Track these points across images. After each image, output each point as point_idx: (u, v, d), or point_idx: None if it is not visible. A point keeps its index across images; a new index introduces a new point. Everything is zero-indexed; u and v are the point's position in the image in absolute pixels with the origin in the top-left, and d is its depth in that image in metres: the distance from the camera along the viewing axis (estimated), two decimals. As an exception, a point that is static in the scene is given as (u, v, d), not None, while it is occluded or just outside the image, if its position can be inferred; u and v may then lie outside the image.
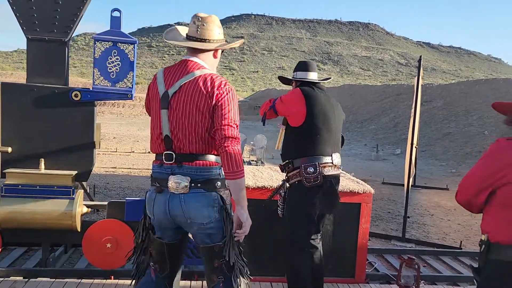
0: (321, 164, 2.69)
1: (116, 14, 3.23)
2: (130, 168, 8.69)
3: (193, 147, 1.87)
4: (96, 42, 3.20)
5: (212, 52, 2.04)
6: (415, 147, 4.88)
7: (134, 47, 3.26)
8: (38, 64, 3.20)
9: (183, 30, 2.09)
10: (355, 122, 19.28)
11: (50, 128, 3.17)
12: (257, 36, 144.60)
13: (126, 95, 3.30)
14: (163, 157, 1.89)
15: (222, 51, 2.15)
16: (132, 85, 3.30)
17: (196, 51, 1.99)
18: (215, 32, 2.01)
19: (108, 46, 3.20)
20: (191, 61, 1.97)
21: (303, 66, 2.90)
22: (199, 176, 1.86)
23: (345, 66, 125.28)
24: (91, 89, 3.23)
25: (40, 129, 3.17)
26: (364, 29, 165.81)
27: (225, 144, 1.82)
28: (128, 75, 3.27)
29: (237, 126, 1.90)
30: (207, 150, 1.89)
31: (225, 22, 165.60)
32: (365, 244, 3.57)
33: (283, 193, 2.85)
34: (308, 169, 2.67)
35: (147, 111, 2.22)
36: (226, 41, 2.10)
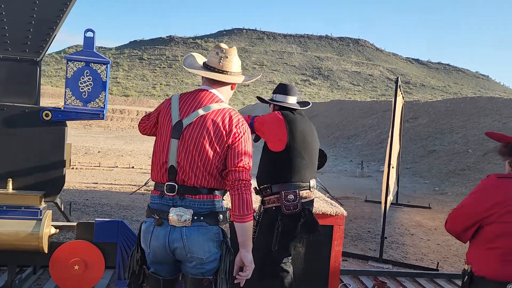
0: (300, 190, 2.68)
1: (89, 34, 3.24)
2: (111, 184, 8.60)
3: (199, 181, 1.84)
4: (69, 62, 3.20)
5: (231, 84, 2.04)
6: (392, 167, 4.92)
7: (107, 67, 3.27)
8: (9, 84, 3.18)
9: (199, 58, 2.10)
10: (341, 138, 19.39)
11: (19, 148, 3.14)
12: (249, 50, 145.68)
13: (97, 115, 3.28)
14: (165, 188, 1.84)
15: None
16: (104, 105, 3.28)
17: (214, 83, 1.98)
18: (236, 64, 2.03)
19: (80, 66, 3.20)
20: (209, 92, 1.96)
21: (283, 89, 2.86)
22: (202, 209, 1.83)
23: (335, 81, 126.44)
24: (62, 108, 3.22)
25: (10, 148, 3.13)
26: (354, 45, 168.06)
27: (238, 187, 1.81)
28: (100, 95, 3.26)
29: (249, 168, 1.89)
30: (212, 185, 1.86)
31: (216, 36, 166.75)
32: (337, 267, 3.56)
33: (257, 217, 2.83)
34: (288, 196, 2.66)
35: (143, 131, 2.18)
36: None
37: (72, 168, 10.11)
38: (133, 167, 10.96)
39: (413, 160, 13.05)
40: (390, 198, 7.11)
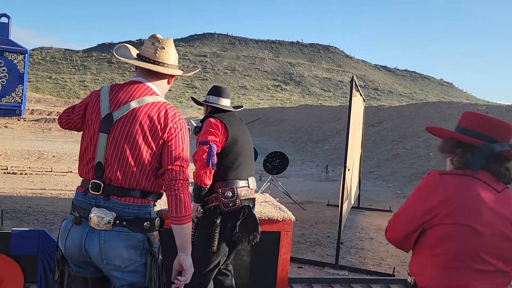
0: (238, 188, 2.60)
1: (4, 20, 2.87)
2: (61, 190, 8.06)
3: (127, 181, 1.71)
4: (-21, 51, 2.82)
5: (168, 78, 1.92)
6: (348, 169, 4.74)
7: (25, 57, 2.90)
8: None
9: (133, 50, 1.95)
10: (310, 142, 19.37)
11: None
12: (220, 55, 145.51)
13: (14, 111, 2.90)
14: (90, 185, 1.71)
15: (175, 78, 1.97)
16: (22, 100, 2.91)
17: (149, 75, 1.86)
18: (173, 56, 1.92)
19: (-7, 56, 2.83)
20: (143, 84, 1.83)
21: (216, 91, 2.83)
22: (126, 213, 1.70)
23: (307, 86, 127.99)
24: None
25: None
26: (324, 51, 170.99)
27: (175, 187, 1.70)
28: (17, 89, 2.89)
29: (187, 166, 1.78)
30: (143, 186, 1.73)
31: (188, 40, 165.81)
32: (285, 276, 3.31)
33: (196, 219, 2.69)
34: (226, 194, 2.57)
35: (65, 124, 1.98)
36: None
37: (21, 174, 9.50)
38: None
39: (377, 164, 13.08)
40: (351, 201, 6.97)
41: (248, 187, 2.69)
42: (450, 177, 1.52)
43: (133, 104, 1.74)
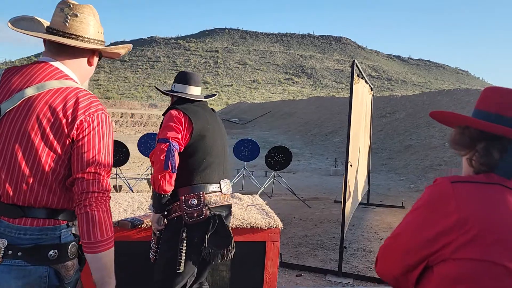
0: (206, 193, 2.18)
1: None
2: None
3: (21, 196, 1.31)
4: None
5: (87, 56, 1.46)
6: (350, 165, 4.25)
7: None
8: None
9: (45, 23, 1.51)
10: (319, 135, 18.80)
11: None
12: (231, 50, 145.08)
13: None
14: None
15: (100, 58, 1.51)
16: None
17: (59, 52, 1.42)
18: (93, 28, 1.44)
19: None
20: (49, 64, 1.39)
21: (182, 78, 2.37)
22: (22, 239, 1.30)
23: (318, 79, 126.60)
24: None
25: None
26: (336, 43, 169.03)
27: (87, 203, 1.31)
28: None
29: (107, 174, 1.38)
30: (46, 202, 1.34)
31: (199, 36, 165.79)
32: (272, 293, 2.86)
33: (158, 233, 2.28)
34: (190, 202, 2.14)
35: None
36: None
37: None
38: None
39: (389, 156, 12.48)
40: (358, 198, 6.46)
41: (220, 192, 2.25)
42: (467, 186, 1.01)
43: (29, 92, 1.32)
